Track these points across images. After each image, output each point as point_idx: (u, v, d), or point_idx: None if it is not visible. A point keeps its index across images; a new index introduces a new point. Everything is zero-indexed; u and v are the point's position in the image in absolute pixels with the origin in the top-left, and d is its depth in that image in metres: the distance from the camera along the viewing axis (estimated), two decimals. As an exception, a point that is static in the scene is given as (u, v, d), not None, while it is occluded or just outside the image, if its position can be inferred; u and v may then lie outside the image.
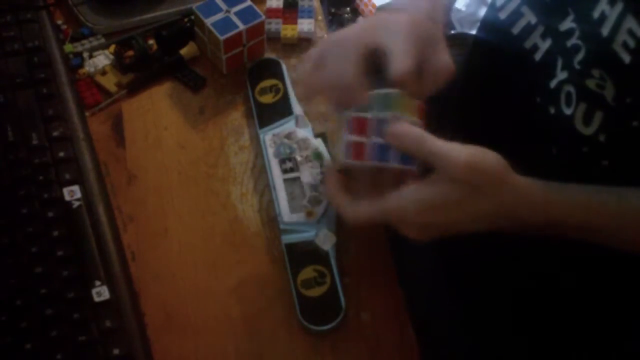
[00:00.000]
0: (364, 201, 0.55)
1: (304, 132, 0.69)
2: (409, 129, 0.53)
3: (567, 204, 0.55)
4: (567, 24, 0.60)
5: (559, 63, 0.61)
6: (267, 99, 0.73)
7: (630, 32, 0.53)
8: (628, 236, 0.56)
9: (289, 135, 0.69)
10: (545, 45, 0.63)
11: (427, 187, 0.52)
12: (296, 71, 0.74)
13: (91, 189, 0.64)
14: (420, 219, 0.53)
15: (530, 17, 0.64)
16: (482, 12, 1.24)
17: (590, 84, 0.57)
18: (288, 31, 0.79)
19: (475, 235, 0.57)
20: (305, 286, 0.61)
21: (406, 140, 0.53)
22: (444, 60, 0.57)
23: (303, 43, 0.79)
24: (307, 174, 0.66)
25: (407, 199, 0.53)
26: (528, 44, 0.64)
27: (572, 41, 0.59)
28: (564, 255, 0.66)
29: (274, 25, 0.79)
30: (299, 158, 0.68)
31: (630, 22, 0.53)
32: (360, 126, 0.56)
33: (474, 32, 0.79)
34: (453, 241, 0.56)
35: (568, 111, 0.59)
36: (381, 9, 0.65)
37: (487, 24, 0.73)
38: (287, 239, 0.64)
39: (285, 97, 0.72)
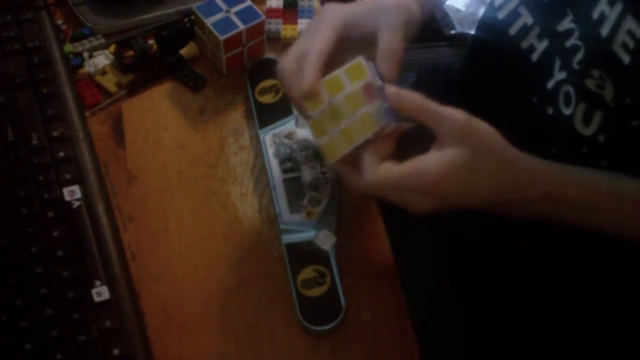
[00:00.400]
0: (383, 164, 0.54)
1: (304, 132, 0.69)
2: (410, 92, 0.54)
3: (565, 179, 0.55)
4: (566, 24, 0.60)
5: (557, 63, 0.61)
6: (267, 99, 0.73)
7: (630, 33, 0.53)
8: (623, 217, 0.56)
9: (289, 135, 0.69)
10: (542, 45, 0.63)
11: (441, 151, 0.53)
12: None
13: (91, 189, 0.64)
14: (438, 186, 0.53)
15: (527, 18, 0.64)
16: (482, 12, 1.24)
17: (590, 84, 0.57)
18: (288, 31, 0.79)
19: (476, 235, 0.57)
20: (305, 286, 0.61)
21: (408, 101, 0.54)
22: (385, 3, 0.59)
23: (303, 43, 0.79)
24: (307, 174, 0.66)
25: (429, 162, 0.53)
26: (524, 45, 0.64)
27: (572, 41, 0.59)
28: (564, 255, 0.65)
29: (274, 25, 0.79)
30: (299, 158, 0.68)
31: (629, 23, 0.53)
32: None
33: (473, 32, 0.79)
34: (454, 241, 0.56)
35: (567, 111, 0.59)
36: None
37: (485, 24, 0.73)
38: (287, 239, 0.64)
39: (285, 97, 0.72)
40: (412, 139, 0.56)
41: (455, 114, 0.53)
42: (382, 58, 0.58)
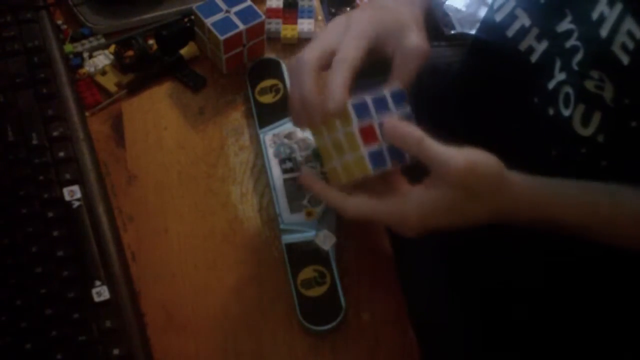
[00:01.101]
0: (363, 197, 0.55)
1: (304, 132, 0.69)
2: (410, 129, 0.53)
3: (562, 203, 0.56)
4: (565, 25, 0.60)
5: (557, 64, 0.61)
6: (267, 99, 0.73)
7: (629, 34, 0.53)
8: (622, 235, 0.57)
9: (289, 135, 0.69)
10: (541, 47, 0.63)
11: (429, 191, 0.53)
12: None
13: (91, 189, 0.64)
14: (421, 224, 0.53)
15: (524, 20, 0.64)
16: (482, 12, 1.24)
17: (589, 85, 0.57)
18: (288, 31, 0.79)
19: (477, 236, 0.57)
20: (305, 286, 0.61)
21: (407, 139, 0.53)
22: (412, 43, 0.58)
23: (303, 43, 0.79)
24: (307, 174, 0.66)
25: (410, 204, 0.53)
26: (523, 46, 0.65)
27: (571, 42, 0.59)
28: (565, 257, 0.65)
29: (274, 25, 0.79)
30: (298, 158, 0.68)
31: (629, 24, 0.53)
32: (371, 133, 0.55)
33: (474, 32, 0.80)
34: (454, 242, 0.56)
35: (566, 112, 0.59)
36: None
37: (485, 26, 0.73)
38: (287, 239, 0.64)
39: (285, 97, 0.72)
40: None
41: (452, 159, 0.51)
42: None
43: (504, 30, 0.67)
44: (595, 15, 0.56)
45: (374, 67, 0.60)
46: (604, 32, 0.55)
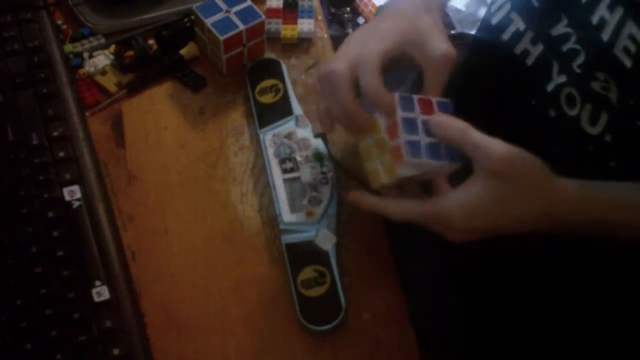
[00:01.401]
0: (409, 200, 0.56)
1: (304, 132, 0.69)
2: (454, 119, 0.54)
3: (608, 202, 0.55)
4: (561, 29, 0.60)
5: (555, 67, 0.61)
6: (267, 99, 0.73)
7: (631, 37, 0.53)
8: None
9: (289, 135, 0.69)
10: (537, 50, 0.63)
11: (470, 188, 0.53)
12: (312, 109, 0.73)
13: (91, 189, 0.64)
14: (466, 225, 0.53)
15: (519, 24, 0.65)
16: (482, 12, 1.24)
17: (595, 86, 0.57)
18: (288, 31, 0.79)
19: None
20: (305, 286, 0.61)
21: (451, 129, 0.54)
22: (438, 48, 0.58)
23: (303, 43, 0.79)
24: (307, 174, 0.66)
25: (454, 204, 0.53)
26: (518, 50, 0.65)
27: (569, 46, 0.59)
28: (566, 257, 0.65)
29: (274, 25, 0.79)
30: (299, 158, 0.68)
31: (630, 28, 0.53)
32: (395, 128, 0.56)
33: (473, 32, 0.80)
34: (455, 243, 0.56)
35: (572, 112, 0.59)
36: (380, 9, 0.66)
37: (483, 27, 0.73)
38: (287, 239, 0.64)
39: (285, 97, 0.72)
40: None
41: (494, 148, 0.52)
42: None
43: (499, 33, 0.67)
44: (595, 20, 0.56)
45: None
46: (605, 36, 0.55)
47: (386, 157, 0.57)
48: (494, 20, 0.68)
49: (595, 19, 0.56)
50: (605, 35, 0.55)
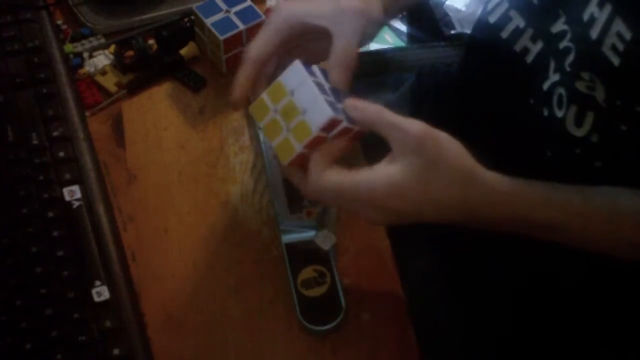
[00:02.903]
0: (329, 170, 0.53)
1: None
2: (367, 104, 0.54)
3: (532, 199, 0.54)
4: (559, 26, 0.60)
5: (552, 65, 0.61)
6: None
7: (619, 35, 0.53)
8: (592, 237, 0.55)
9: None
10: (536, 47, 0.63)
11: (389, 165, 0.52)
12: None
13: (91, 189, 0.64)
14: (387, 202, 0.52)
15: (518, 21, 0.64)
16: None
17: (580, 86, 0.56)
18: (288, 31, 0.78)
19: (478, 237, 0.57)
20: (305, 286, 0.61)
21: (367, 111, 0.54)
22: (347, 4, 0.59)
23: (303, 43, 0.79)
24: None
25: (377, 178, 0.52)
26: (518, 47, 0.64)
27: (564, 43, 0.59)
28: (565, 256, 0.65)
29: (274, 25, 0.79)
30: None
31: (618, 25, 0.53)
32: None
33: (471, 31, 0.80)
34: (455, 243, 0.56)
35: (559, 113, 0.59)
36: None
37: (478, 27, 0.73)
38: (287, 239, 0.64)
39: (285, 97, 0.72)
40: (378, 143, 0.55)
41: (410, 125, 0.51)
42: (333, 68, 0.58)
43: (498, 31, 0.67)
44: (586, 17, 0.56)
45: (373, 66, 0.60)
46: (594, 33, 0.55)
47: (297, 119, 0.55)
48: (492, 19, 0.68)
49: (586, 16, 0.55)
50: (595, 33, 0.54)
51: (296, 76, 0.55)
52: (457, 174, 0.52)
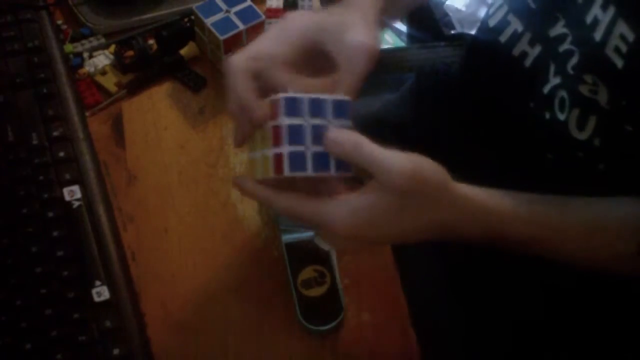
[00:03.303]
0: (296, 194, 0.50)
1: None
2: (348, 135, 0.49)
3: (507, 214, 0.52)
4: (558, 29, 0.60)
5: (552, 68, 0.61)
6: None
7: (622, 37, 0.53)
8: (571, 249, 0.54)
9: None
10: (535, 51, 0.63)
11: (364, 197, 0.49)
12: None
13: (91, 189, 0.64)
14: (350, 232, 0.49)
15: (516, 25, 0.64)
16: (483, 12, 1.24)
17: (583, 89, 0.57)
18: (288, 31, 0.78)
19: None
20: (305, 286, 0.61)
21: (344, 146, 0.49)
22: (355, 39, 0.53)
23: (303, 43, 0.79)
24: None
25: (344, 211, 0.48)
26: (516, 52, 0.64)
27: (565, 46, 0.59)
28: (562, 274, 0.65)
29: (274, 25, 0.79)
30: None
31: (622, 27, 0.53)
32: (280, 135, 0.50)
33: (473, 32, 0.80)
34: (455, 245, 0.56)
35: (562, 117, 0.59)
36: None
37: (481, 29, 0.73)
38: (287, 238, 0.64)
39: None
40: None
41: (396, 162, 0.48)
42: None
43: (497, 35, 0.67)
44: (589, 19, 0.56)
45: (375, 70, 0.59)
46: (597, 35, 0.55)
47: (265, 152, 0.51)
48: (492, 23, 0.68)
49: (589, 19, 0.56)
50: (598, 35, 0.55)
51: (278, 111, 0.50)
52: (436, 203, 0.49)
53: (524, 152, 0.64)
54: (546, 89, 0.61)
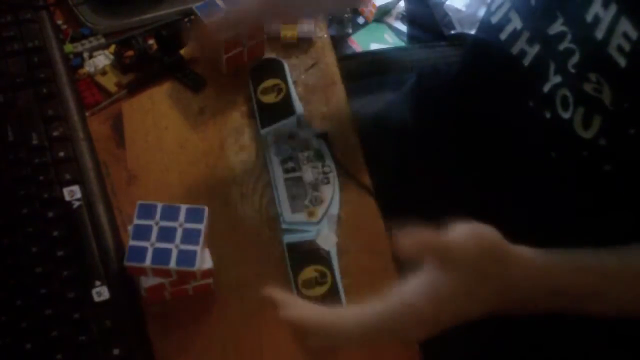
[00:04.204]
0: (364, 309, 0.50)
1: (306, 132, 0.69)
2: (419, 235, 0.49)
3: (568, 268, 0.52)
4: (557, 27, 0.59)
5: (552, 67, 0.60)
6: (269, 98, 0.73)
7: (625, 35, 0.52)
8: (630, 298, 0.53)
9: (290, 135, 0.69)
10: (533, 50, 0.62)
11: (438, 277, 0.48)
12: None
13: (91, 189, 0.64)
14: (436, 316, 0.48)
15: (516, 23, 0.64)
16: (482, 12, 1.24)
17: (588, 87, 0.56)
18: (288, 31, 0.78)
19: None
20: (306, 286, 0.61)
21: (431, 247, 0.49)
22: None
23: (303, 43, 0.79)
24: (309, 174, 0.66)
25: (420, 294, 0.48)
26: (515, 50, 0.64)
27: (565, 45, 0.58)
28: None
29: (274, 25, 0.79)
30: (300, 158, 0.68)
31: (624, 25, 0.52)
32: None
33: (474, 32, 0.80)
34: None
35: (566, 115, 0.59)
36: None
37: (482, 27, 0.73)
38: (288, 238, 0.64)
39: (288, 97, 0.72)
40: None
41: (465, 243, 0.47)
42: None
43: (498, 32, 0.67)
44: (589, 17, 0.55)
45: (373, 66, 0.60)
46: (599, 34, 0.54)
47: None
48: (494, 20, 0.68)
49: (590, 17, 0.55)
50: (600, 34, 0.54)
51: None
52: (502, 270, 0.49)
53: (527, 151, 0.64)
54: (546, 88, 0.61)
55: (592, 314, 0.52)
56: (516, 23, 0.64)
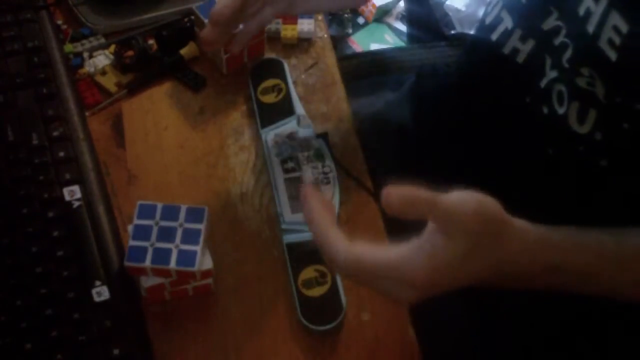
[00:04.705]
0: (361, 242, 0.48)
1: (306, 132, 0.69)
2: (416, 192, 0.47)
3: (565, 245, 0.51)
4: (552, 22, 0.59)
5: (548, 62, 0.60)
6: (269, 98, 0.73)
7: (616, 29, 0.52)
8: (628, 279, 0.52)
9: (290, 135, 0.69)
10: (527, 47, 0.62)
11: (440, 240, 0.47)
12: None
13: (91, 189, 0.64)
14: (429, 280, 0.47)
15: (507, 22, 0.64)
16: (482, 12, 1.24)
17: (581, 82, 0.56)
18: (288, 31, 0.78)
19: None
20: (306, 286, 0.61)
21: (419, 205, 0.47)
22: None
23: (303, 43, 0.79)
24: (309, 174, 0.66)
25: (421, 256, 0.46)
26: (507, 49, 0.64)
27: (560, 39, 0.58)
28: None
29: (274, 25, 0.79)
30: (300, 158, 0.68)
31: (615, 19, 0.52)
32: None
33: (473, 32, 0.80)
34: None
35: (561, 110, 0.59)
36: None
37: (479, 27, 0.74)
38: (288, 238, 0.64)
39: (288, 97, 0.72)
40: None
41: (465, 205, 0.46)
42: None
43: (490, 33, 0.67)
44: (581, 11, 0.55)
45: (373, 66, 0.60)
46: (590, 27, 0.54)
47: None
48: (488, 20, 0.68)
49: (582, 11, 0.55)
50: (591, 27, 0.54)
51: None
52: (500, 237, 0.48)
53: (525, 147, 0.64)
54: (543, 83, 0.61)
55: (587, 294, 0.52)
56: (507, 22, 0.64)
